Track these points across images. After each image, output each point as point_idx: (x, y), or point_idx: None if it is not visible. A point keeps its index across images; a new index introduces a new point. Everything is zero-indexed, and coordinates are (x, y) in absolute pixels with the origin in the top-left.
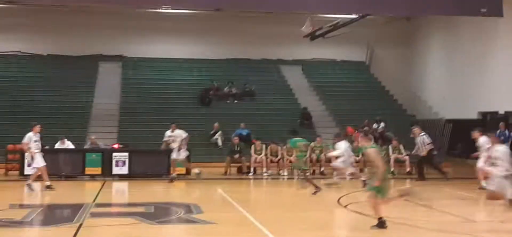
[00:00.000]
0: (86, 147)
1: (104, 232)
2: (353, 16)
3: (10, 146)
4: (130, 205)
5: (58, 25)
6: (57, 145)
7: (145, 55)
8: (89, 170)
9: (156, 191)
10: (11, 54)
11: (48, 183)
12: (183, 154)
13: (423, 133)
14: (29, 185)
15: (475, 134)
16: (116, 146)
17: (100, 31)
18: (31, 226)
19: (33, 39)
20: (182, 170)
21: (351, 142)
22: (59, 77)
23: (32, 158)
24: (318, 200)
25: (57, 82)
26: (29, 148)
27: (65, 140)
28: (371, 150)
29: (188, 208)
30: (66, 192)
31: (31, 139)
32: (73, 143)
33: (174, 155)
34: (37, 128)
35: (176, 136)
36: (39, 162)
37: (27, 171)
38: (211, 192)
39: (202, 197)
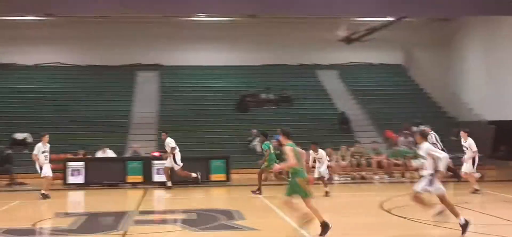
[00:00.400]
0: (127, 155)
1: None
2: (390, 18)
3: (53, 156)
4: (172, 212)
5: (96, 36)
6: (99, 154)
7: (182, 63)
8: (130, 178)
9: (197, 198)
10: (51, 66)
11: (46, 192)
12: (168, 163)
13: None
14: (43, 195)
15: None
16: (157, 154)
17: (137, 41)
18: (77, 234)
19: (73, 51)
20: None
21: (392, 145)
22: (98, 87)
23: (41, 168)
24: (359, 204)
25: (97, 92)
26: (38, 159)
27: (106, 148)
28: (287, 148)
29: (230, 215)
30: (109, 200)
31: (40, 150)
32: (114, 152)
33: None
34: (46, 138)
35: (165, 144)
36: (46, 172)
37: (71, 180)
38: (251, 199)
39: (243, 203)
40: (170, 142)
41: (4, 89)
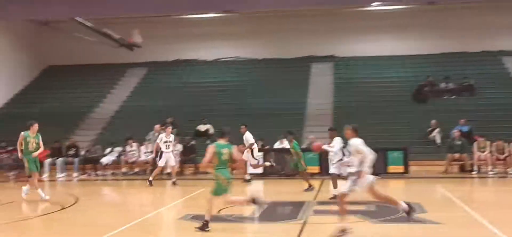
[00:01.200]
0: (303, 146)
1: (328, 230)
2: None
3: (235, 147)
4: (350, 203)
5: (272, 30)
6: (276, 145)
7: (356, 54)
8: (308, 169)
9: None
10: (230, 60)
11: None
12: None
13: None
14: (174, 182)
15: None
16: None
17: (311, 33)
18: (258, 222)
19: (249, 45)
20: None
21: None
22: (274, 80)
23: (160, 156)
24: None
25: (273, 85)
26: (159, 148)
27: (284, 140)
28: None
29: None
30: (286, 190)
31: (162, 140)
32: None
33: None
34: (169, 129)
35: (244, 138)
36: (162, 162)
37: (250, 170)
38: (431, 191)
39: (423, 196)
40: (249, 138)
41: (187, 84)
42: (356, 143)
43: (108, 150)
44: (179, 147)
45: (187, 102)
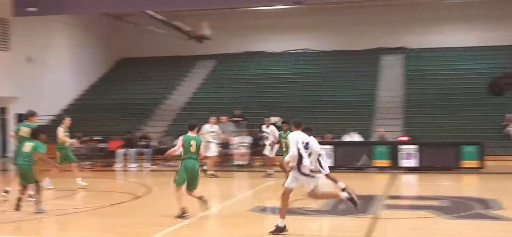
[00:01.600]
0: (373, 139)
1: (400, 224)
2: None
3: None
4: (422, 198)
5: (341, 21)
6: (345, 138)
7: (427, 45)
8: (377, 163)
9: (446, 185)
10: (298, 52)
11: (211, 171)
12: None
13: None
14: (212, 174)
15: None
16: (405, 138)
17: (381, 24)
18: (329, 215)
19: (318, 37)
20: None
21: None
22: (343, 72)
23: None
24: None
25: (341, 77)
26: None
27: (352, 133)
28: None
29: (486, 204)
30: (356, 184)
31: (207, 130)
32: (360, 136)
33: (266, 152)
34: (213, 119)
35: (269, 132)
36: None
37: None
38: (509, 187)
39: (500, 192)
40: (274, 130)
41: (254, 75)
42: (290, 137)
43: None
44: (249, 139)
45: (255, 94)
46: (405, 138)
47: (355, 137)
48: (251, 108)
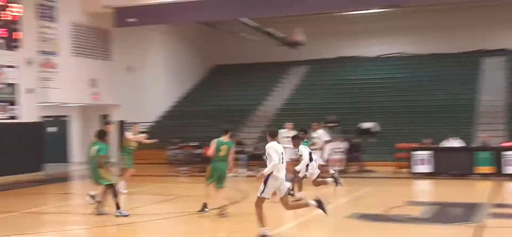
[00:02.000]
0: (475, 145)
1: (509, 234)
2: None
3: (399, 145)
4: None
5: (437, 24)
6: (445, 143)
7: None
8: (479, 169)
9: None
10: (394, 56)
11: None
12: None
13: None
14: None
15: None
16: (509, 143)
17: (481, 26)
18: (430, 223)
19: (414, 40)
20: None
21: None
22: (441, 75)
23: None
24: None
25: (439, 80)
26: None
27: (451, 138)
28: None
29: None
30: (457, 191)
31: (283, 135)
32: (461, 142)
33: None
34: (289, 125)
35: (318, 136)
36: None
37: (417, 168)
38: None
39: None
40: (323, 134)
41: (349, 81)
42: (268, 147)
43: None
44: (345, 144)
45: (349, 99)
46: (510, 143)
47: (456, 143)
48: (345, 114)
